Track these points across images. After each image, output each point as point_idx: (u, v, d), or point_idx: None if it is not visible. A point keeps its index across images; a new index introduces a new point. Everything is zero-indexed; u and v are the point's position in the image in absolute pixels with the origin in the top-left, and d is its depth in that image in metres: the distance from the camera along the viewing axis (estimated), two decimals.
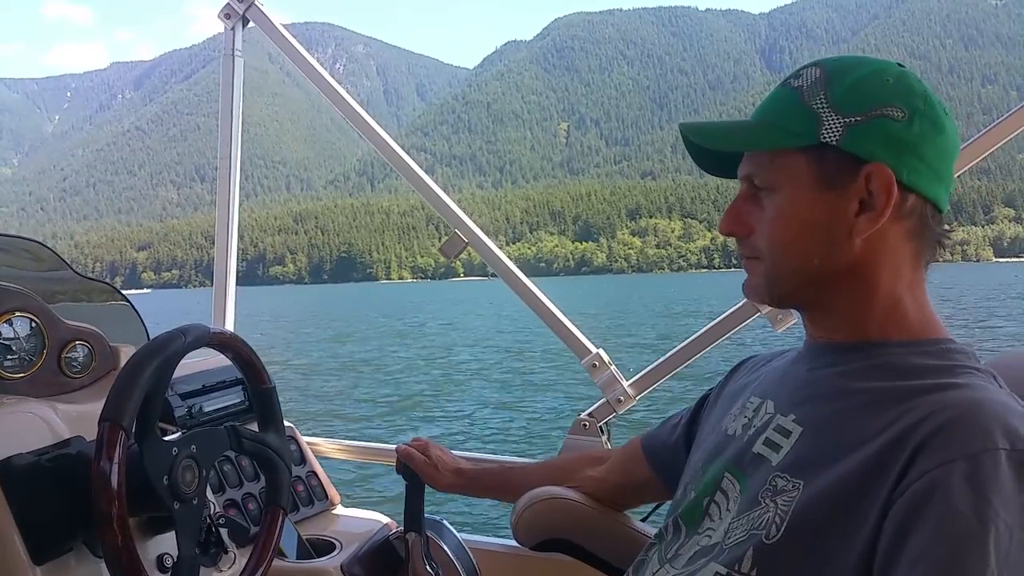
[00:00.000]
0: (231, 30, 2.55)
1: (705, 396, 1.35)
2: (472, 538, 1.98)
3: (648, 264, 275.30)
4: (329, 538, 1.88)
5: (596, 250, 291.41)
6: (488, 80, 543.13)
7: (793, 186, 0.98)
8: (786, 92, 1.02)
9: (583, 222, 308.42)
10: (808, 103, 0.98)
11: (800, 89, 1.00)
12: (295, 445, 2.09)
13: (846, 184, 0.96)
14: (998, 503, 0.77)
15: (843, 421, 0.95)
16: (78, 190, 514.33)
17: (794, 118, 0.99)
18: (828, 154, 0.96)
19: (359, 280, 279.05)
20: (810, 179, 0.97)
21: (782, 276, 1.02)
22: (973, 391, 0.90)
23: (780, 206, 1.00)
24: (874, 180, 0.95)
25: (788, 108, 1.00)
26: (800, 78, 1.01)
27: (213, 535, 1.32)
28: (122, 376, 1.16)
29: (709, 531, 1.03)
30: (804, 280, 1.01)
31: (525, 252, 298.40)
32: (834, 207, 0.97)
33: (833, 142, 0.96)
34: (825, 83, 0.98)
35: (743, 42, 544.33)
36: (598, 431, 2.21)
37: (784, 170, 0.99)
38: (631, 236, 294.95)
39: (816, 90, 0.98)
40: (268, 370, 1.47)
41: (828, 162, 0.97)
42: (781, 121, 1.00)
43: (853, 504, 0.87)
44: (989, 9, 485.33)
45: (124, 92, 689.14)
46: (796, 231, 0.99)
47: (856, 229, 0.96)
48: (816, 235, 0.98)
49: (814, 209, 0.98)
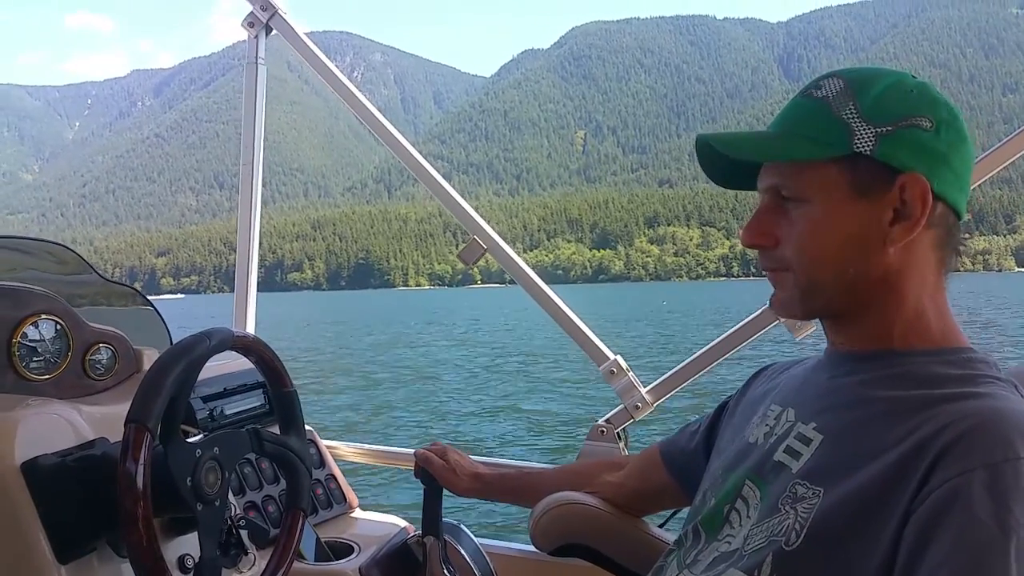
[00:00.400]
0: (254, 38, 2.56)
1: (724, 403, 1.35)
2: (490, 542, 1.98)
3: (666, 272, 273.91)
4: (347, 541, 1.90)
5: (614, 258, 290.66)
6: (505, 88, 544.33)
7: (826, 197, 0.98)
8: (811, 103, 1.01)
9: (601, 230, 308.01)
10: (838, 114, 0.98)
11: (826, 100, 1.00)
12: (314, 448, 2.10)
13: (880, 194, 0.96)
14: (1019, 512, 0.77)
15: (864, 429, 0.95)
16: (97, 196, 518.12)
17: (825, 129, 0.98)
18: (861, 164, 0.97)
19: (376, 287, 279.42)
20: (844, 189, 0.97)
21: (816, 288, 1.01)
22: (994, 400, 0.90)
23: (813, 217, 0.99)
24: (909, 189, 0.95)
25: (817, 119, 1.00)
26: (822, 89, 1.01)
27: (234, 537, 1.34)
28: (148, 378, 1.17)
29: (729, 537, 1.04)
30: (839, 291, 1.00)
31: (543, 259, 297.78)
32: (868, 217, 0.97)
33: (867, 152, 0.96)
34: (852, 93, 0.99)
35: (761, 51, 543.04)
36: (615, 437, 2.21)
37: (817, 181, 0.98)
38: (649, 244, 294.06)
39: (844, 100, 0.98)
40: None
41: (861, 172, 0.97)
42: (811, 132, 1.00)
43: (874, 512, 0.87)
44: (1010, 18, 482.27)
45: (144, 99, 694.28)
46: (831, 242, 0.98)
47: (890, 238, 0.97)
48: (851, 245, 0.98)
49: (849, 219, 0.98)
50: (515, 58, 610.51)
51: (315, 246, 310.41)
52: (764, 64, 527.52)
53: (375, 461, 2.59)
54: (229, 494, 1.36)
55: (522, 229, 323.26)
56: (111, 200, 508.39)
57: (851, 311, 1.02)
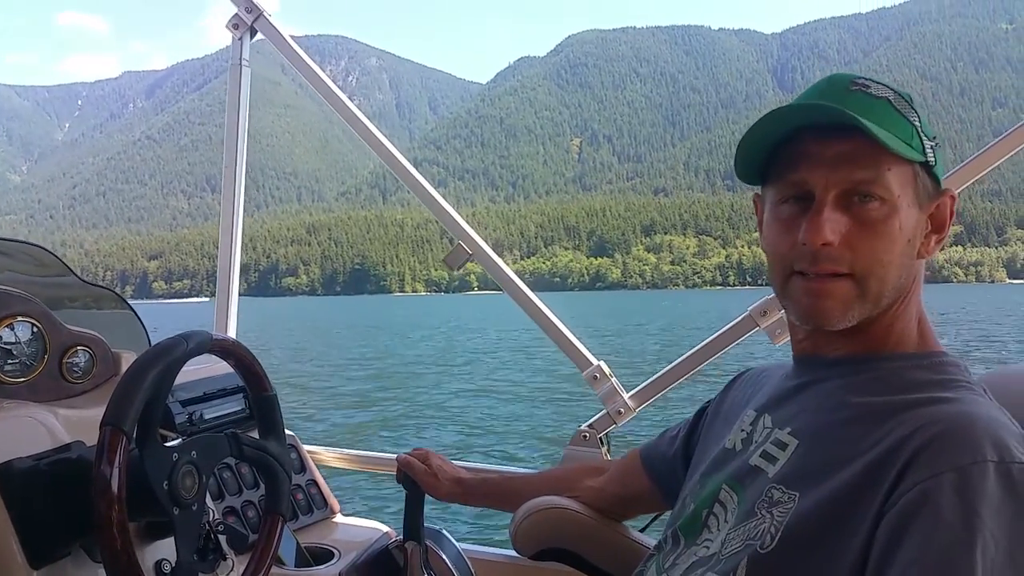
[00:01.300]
0: (239, 40, 2.55)
1: (703, 409, 1.36)
2: (471, 548, 1.98)
3: (663, 280, 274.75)
4: (328, 546, 1.88)
5: (611, 266, 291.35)
6: (501, 95, 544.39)
7: (904, 199, 0.96)
8: (875, 100, 0.98)
9: (598, 237, 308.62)
10: (907, 118, 0.98)
11: (889, 101, 0.98)
12: (295, 453, 2.09)
13: (929, 204, 0.99)
14: (986, 514, 0.78)
15: (838, 434, 0.96)
16: (88, 198, 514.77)
17: (904, 130, 0.97)
18: (923, 173, 0.98)
19: (372, 292, 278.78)
20: (912, 195, 0.97)
21: (880, 292, 0.98)
22: (964, 405, 0.91)
23: (890, 218, 0.96)
24: (946, 206, 1.00)
25: (893, 118, 0.97)
26: (871, 88, 0.99)
27: (212, 542, 1.32)
28: (124, 381, 1.15)
29: (707, 542, 1.04)
30: (890, 298, 0.99)
31: (540, 267, 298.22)
32: (919, 226, 0.99)
33: (932, 163, 0.98)
34: (908, 102, 0.99)
35: (755, 61, 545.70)
36: (598, 442, 2.22)
37: (900, 181, 0.96)
38: (646, 252, 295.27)
39: (906, 108, 0.98)
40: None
41: (922, 180, 0.98)
42: (894, 129, 0.96)
43: (847, 515, 0.88)
44: (999, 33, 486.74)
45: (136, 101, 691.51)
46: (899, 245, 0.97)
47: (925, 249, 1.00)
48: (907, 251, 0.98)
49: (911, 225, 0.97)
50: (511, 65, 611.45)
51: (310, 251, 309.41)
52: (758, 75, 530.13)
53: (357, 467, 2.57)
54: (207, 499, 1.35)
55: (519, 236, 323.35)
56: (101, 202, 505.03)
57: (878, 317, 1.01)
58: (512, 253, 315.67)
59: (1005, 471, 0.81)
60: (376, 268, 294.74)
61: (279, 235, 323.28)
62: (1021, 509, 0.79)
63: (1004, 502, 0.79)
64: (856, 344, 1.02)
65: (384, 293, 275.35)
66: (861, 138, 0.93)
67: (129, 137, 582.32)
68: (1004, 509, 0.79)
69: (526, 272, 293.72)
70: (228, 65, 2.64)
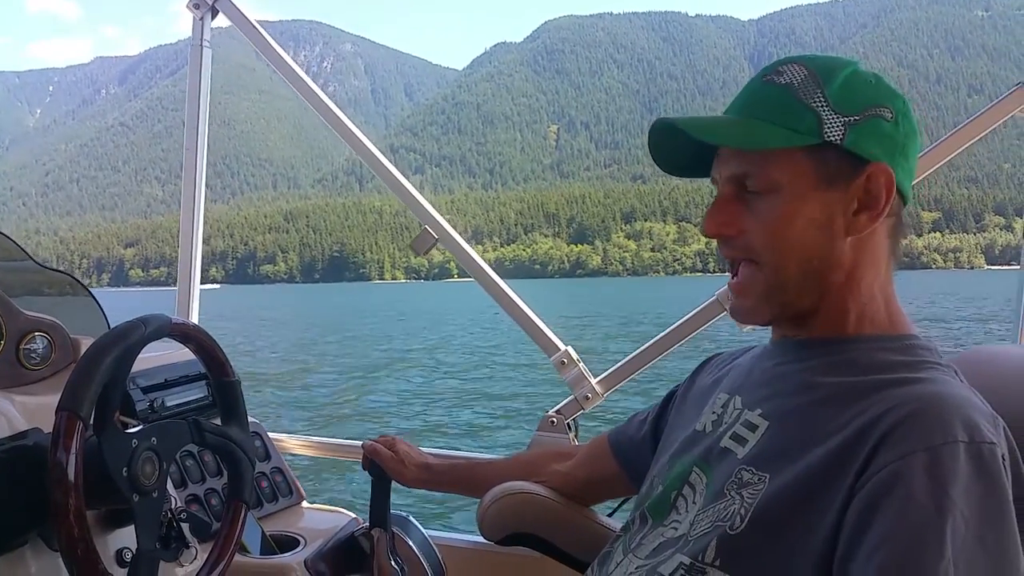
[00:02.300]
0: (199, 20, 2.51)
1: (672, 393, 1.36)
2: (438, 534, 1.98)
3: (643, 267, 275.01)
4: (293, 534, 1.87)
5: (591, 253, 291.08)
6: (478, 81, 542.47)
7: (795, 185, 0.97)
8: (775, 90, 1.00)
9: (578, 224, 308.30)
10: (806, 101, 0.97)
11: (790, 87, 0.99)
12: (260, 441, 2.07)
13: (846, 183, 0.97)
14: (956, 494, 0.79)
15: (809, 415, 0.96)
16: (61, 185, 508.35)
17: (794, 116, 0.97)
18: (829, 153, 0.97)
19: (352, 280, 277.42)
20: (812, 178, 0.97)
21: (784, 280, 1.00)
22: (935, 385, 0.92)
23: (781, 205, 0.98)
24: (875, 179, 0.97)
25: (784, 106, 0.98)
26: (784, 75, 1.00)
27: (174, 529, 1.29)
28: (80, 365, 1.13)
29: (675, 523, 1.04)
30: (803, 282, 1.00)
31: (520, 254, 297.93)
32: (833, 206, 0.98)
33: (836, 141, 0.96)
34: (818, 81, 0.98)
35: (732, 48, 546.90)
36: (565, 428, 2.23)
37: (785, 169, 0.97)
38: (626, 239, 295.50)
39: (811, 88, 0.98)
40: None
41: (829, 161, 0.97)
42: (780, 119, 0.98)
43: (817, 496, 0.88)
44: (975, 20, 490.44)
45: (108, 87, 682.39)
46: (797, 230, 0.98)
47: (854, 228, 0.98)
48: (816, 234, 0.98)
49: (815, 208, 0.97)
50: (487, 51, 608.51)
51: (288, 238, 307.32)
52: (735, 61, 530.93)
53: (323, 453, 2.57)
54: (169, 486, 1.34)
55: (499, 223, 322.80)
56: (75, 190, 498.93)
57: (811, 305, 1.02)
58: (492, 240, 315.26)
59: (975, 451, 0.82)
60: (355, 255, 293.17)
61: (256, 222, 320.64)
62: (990, 489, 0.80)
63: (974, 482, 0.80)
64: (822, 327, 1.03)
65: (363, 280, 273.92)
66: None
67: (102, 123, 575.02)
68: (973, 489, 0.80)
69: (506, 259, 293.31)
70: (189, 46, 2.57)
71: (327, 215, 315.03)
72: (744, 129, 1.00)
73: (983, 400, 0.92)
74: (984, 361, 1.18)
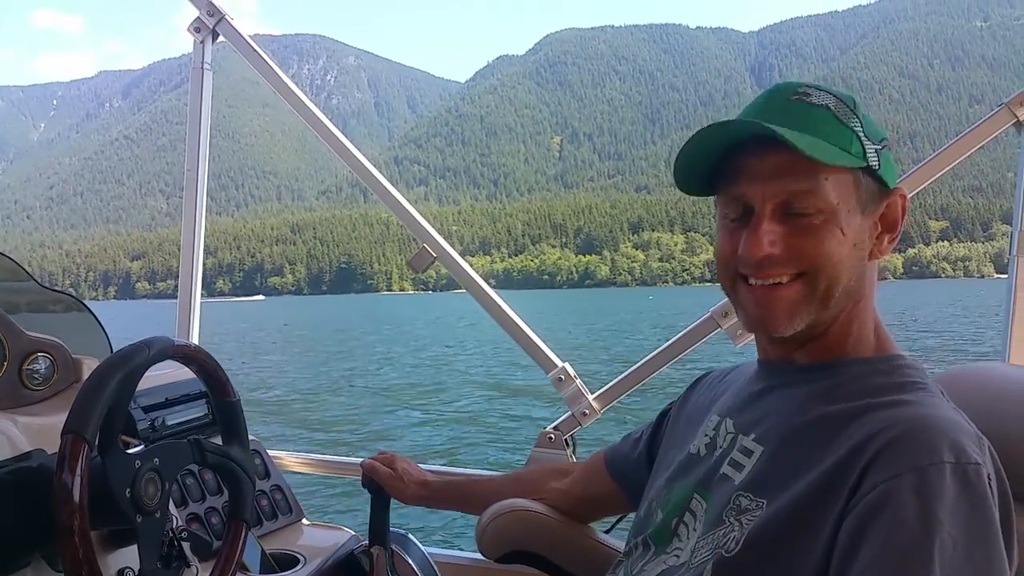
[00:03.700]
0: (200, 44, 2.54)
1: (666, 411, 1.37)
2: (437, 551, 1.98)
3: (652, 277, 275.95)
4: (293, 552, 1.86)
5: (600, 263, 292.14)
6: (481, 93, 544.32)
7: (845, 205, 0.98)
8: (816, 109, 1.00)
9: (585, 235, 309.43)
10: (849, 124, 0.99)
11: (829, 109, 1.00)
12: (260, 459, 2.07)
13: (876, 207, 1.02)
14: (943, 514, 0.81)
15: (802, 440, 0.97)
16: (65, 198, 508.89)
17: (843, 138, 0.99)
18: (866, 177, 1.00)
19: (359, 291, 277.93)
20: (855, 200, 0.99)
21: (829, 295, 1.00)
22: (922, 407, 0.93)
23: (832, 226, 0.98)
24: (895, 205, 1.02)
25: (831, 126, 0.99)
26: (813, 97, 1.01)
27: (175, 549, 1.30)
28: (85, 388, 1.14)
29: (677, 551, 1.06)
30: (840, 301, 1.01)
31: (528, 264, 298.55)
32: (866, 229, 1.01)
33: (875, 166, 1.00)
34: (850, 108, 1.01)
35: (733, 59, 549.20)
36: (563, 444, 2.23)
37: (838, 189, 0.98)
38: (634, 249, 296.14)
39: (847, 113, 1.00)
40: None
41: (866, 185, 1.00)
42: (832, 139, 0.99)
43: (811, 518, 0.90)
44: (975, 31, 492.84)
45: (112, 101, 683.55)
46: (843, 250, 0.99)
47: (878, 251, 1.02)
48: (855, 255, 1.00)
49: (858, 230, 1.00)
50: (490, 64, 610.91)
51: (295, 250, 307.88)
52: (736, 73, 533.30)
53: (322, 471, 2.55)
54: (171, 506, 1.35)
55: (506, 233, 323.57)
56: (79, 203, 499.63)
57: (830, 321, 1.03)
58: (499, 251, 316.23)
59: (961, 472, 0.83)
60: (363, 267, 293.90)
61: (263, 234, 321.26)
62: (976, 508, 0.82)
63: (960, 502, 0.82)
64: (815, 349, 1.04)
65: (371, 292, 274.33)
66: (795, 151, 0.95)
67: (106, 137, 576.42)
68: (960, 508, 0.82)
69: (514, 270, 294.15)
70: (190, 68, 2.60)
71: (334, 227, 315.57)
72: (809, 142, 0.96)
73: (968, 420, 0.93)
74: (970, 380, 1.20)
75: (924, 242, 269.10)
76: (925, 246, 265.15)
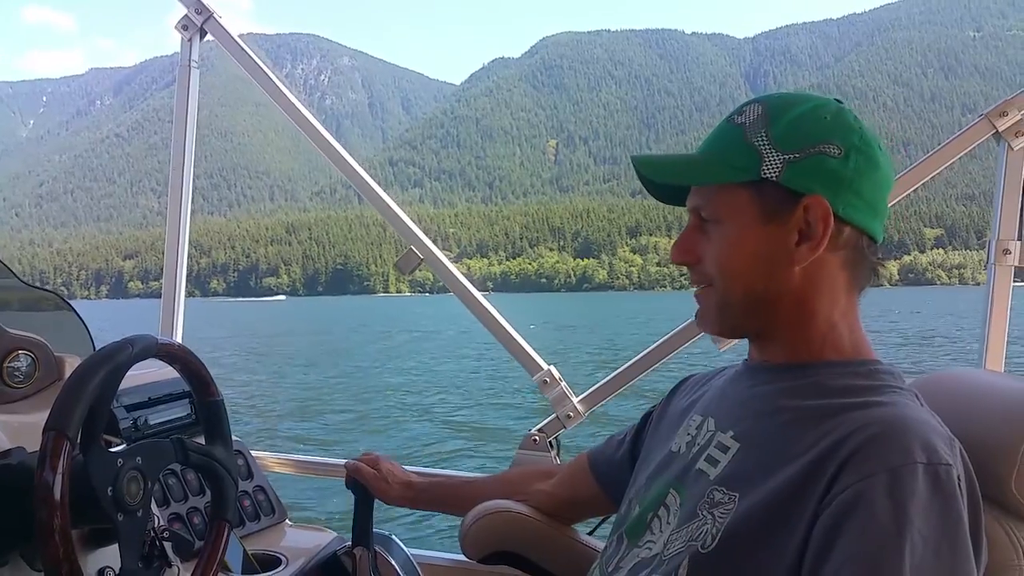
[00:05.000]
0: (188, 41, 2.53)
1: (648, 413, 1.40)
2: (421, 553, 1.99)
3: (650, 282, 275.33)
4: (275, 553, 1.85)
5: (598, 267, 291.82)
6: (476, 96, 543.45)
7: (737, 218, 1.04)
8: (730, 129, 1.06)
9: (583, 239, 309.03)
10: (750, 140, 1.03)
11: (743, 126, 1.05)
12: (243, 460, 2.06)
13: (786, 217, 1.02)
14: (914, 514, 0.83)
15: (777, 437, 1.00)
16: (55, 196, 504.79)
17: (737, 154, 1.04)
18: (767, 189, 1.02)
19: (356, 293, 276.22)
20: (752, 212, 1.03)
21: (730, 303, 1.07)
22: (896, 408, 0.95)
23: (726, 237, 1.05)
24: (811, 212, 1.02)
25: (731, 144, 1.05)
26: (743, 115, 1.06)
27: (157, 548, 1.29)
28: (68, 386, 1.13)
29: (649, 544, 1.07)
30: (751, 307, 1.06)
31: (526, 268, 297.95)
32: (775, 238, 1.03)
33: (773, 178, 1.02)
34: (766, 121, 1.04)
35: (728, 65, 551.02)
36: (548, 446, 2.24)
37: (729, 203, 1.04)
38: (632, 253, 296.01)
39: (757, 127, 1.04)
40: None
41: (768, 196, 1.02)
42: (725, 157, 1.05)
43: (785, 515, 0.91)
44: (967, 40, 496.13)
45: (103, 98, 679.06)
46: (742, 260, 1.04)
47: (797, 258, 1.03)
48: (760, 265, 1.04)
49: (757, 240, 1.04)
50: (485, 66, 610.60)
51: (291, 251, 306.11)
52: (731, 79, 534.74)
53: (306, 472, 2.55)
54: (153, 505, 1.34)
55: (504, 236, 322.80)
56: (69, 201, 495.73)
57: (766, 327, 1.08)
58: (497, 254, 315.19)
59: (933, 472, 0.86)
60: (359, 268, 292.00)
61: (258, 235, 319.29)
62: (946, 508, 0.85)
63: (931, 502, 0.84)
64: (790, 352, 1.08)
65: (367, 294, 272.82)
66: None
67: (96, 135, 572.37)
68: (931, 508, 0.84)
69: (512, 273, 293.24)
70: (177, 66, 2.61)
71: (330, 227, 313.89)
72: (696, 167, 1.08)
73: (941, 423, 0.96)
74: (944, 385, 1.23)
75: (919, 249, 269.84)
76: (920, 253, 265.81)
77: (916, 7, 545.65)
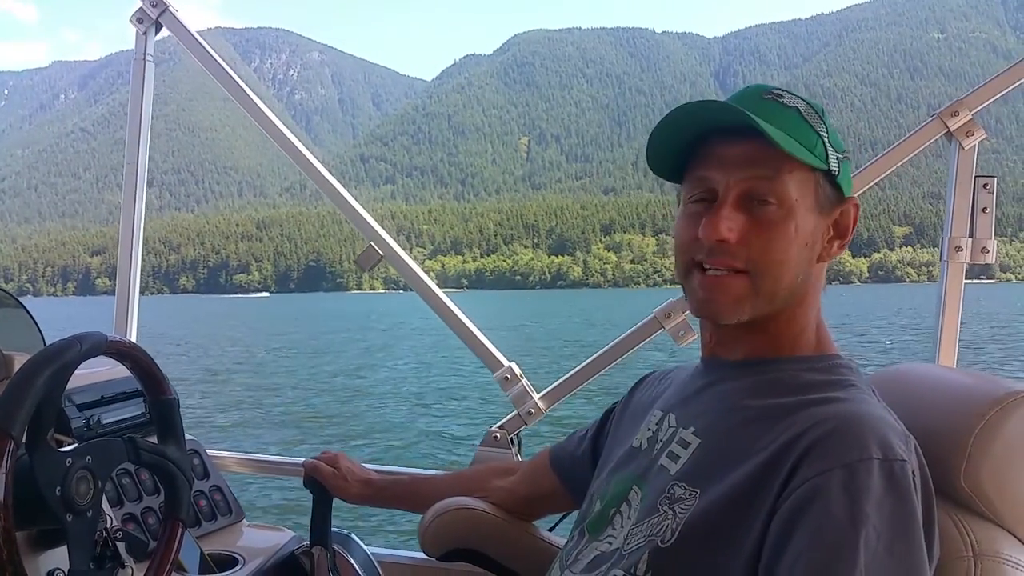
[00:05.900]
0: (143, 35, 2.49)
1: (610, 410, 1.40)
2: (381, 551, 2.00)
3: (624, 279, 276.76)
4: (232, 553, 1.83)
5: (572, 264, 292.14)
6: (448, 92, 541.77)
7: (801, 203, 1.01)
8: (785, 109, 1.04)
9: (557, 236, 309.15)
10: (815, 127, 1.03)
11: (799, 110, 1.04)
12: (199, 459, 2.04)
13: (831, 211, 1.05)
14: (869, 508, 0.84)
15: (738, 433, 1.00)
16: (18, 191, 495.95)
17: (809, 138, 1.02)
18: (825, 181, 1.03)
19: (329, 290, 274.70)
20: (811, 199, 1.02)
21: (771, 291, 1.03)
22: (853, 404, 0.97)
23: (785, 220, 1.01)
24: (848, 213, 1.06)
25: (800, 127, 1.03)
26: (784, 98, 1.04)
27: (109, 549, 1.27)
28: (13, 383, 1.11)
29: (610, 537, 1.08)
30: (784, 296, 1.04)
31: (501, 265, 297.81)
32: (819, 229, 1.04)
33: (834, 172, 1.03)
34: (818, 114, 1.05)
35: (698, 64, 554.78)
36: (509, 443, 2.24)
37: (800, 186, 1.01)
38: (606, 251, 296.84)
39: (815, 117, 1.04)
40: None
41: (824, 188, 1.03)
42: (799, 137, 1.02)
43: (743, 509, 0.92)
44: (932, 42, 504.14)
45: (67, 92, 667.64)
46: (797, 248, 1.02)
47: (827, 254, 1.06)
48: (804, 254, 1.03)
49: (813, 230, 1.03)
50: (457, 63, 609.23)
51: (262, 247, 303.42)
52: (701, 78, 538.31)
53: (264, 472, 2.53)
54: (105, 505, 1.31)
55: (478, 233, 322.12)
56: (33, 196, 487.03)
57: (768, 319, 1.06)
58: (471, 251, 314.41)
59: (888, 468, 0.87)
60: (332, 265, 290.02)
61: (228, 231, 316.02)
62: (900, 503, 0.86)
63: (885, 497, 0.85)
64: (756, 346, 1.08)
65: (340, 291, 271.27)
66: (763, 142, 0.98)
67: (61, 129, 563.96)
68: (885, 503, 0.85)
69: (486, 270, 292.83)
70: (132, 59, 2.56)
71: (301, 224, 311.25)
72: (778, 136, 0.99)
73: (896, 418, 0.98)
74: (900, 380, 1.25)
75: (889, 247, 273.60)
76: (890, 251, 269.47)
77: (883, 8, 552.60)
